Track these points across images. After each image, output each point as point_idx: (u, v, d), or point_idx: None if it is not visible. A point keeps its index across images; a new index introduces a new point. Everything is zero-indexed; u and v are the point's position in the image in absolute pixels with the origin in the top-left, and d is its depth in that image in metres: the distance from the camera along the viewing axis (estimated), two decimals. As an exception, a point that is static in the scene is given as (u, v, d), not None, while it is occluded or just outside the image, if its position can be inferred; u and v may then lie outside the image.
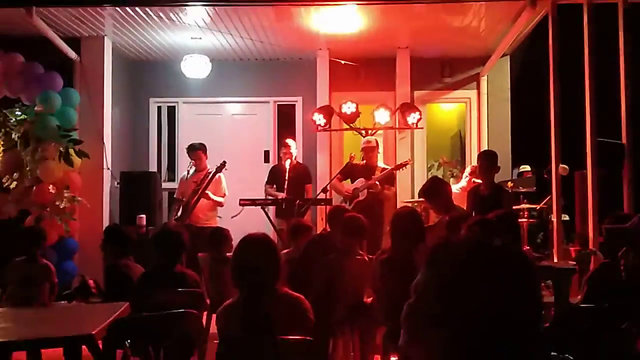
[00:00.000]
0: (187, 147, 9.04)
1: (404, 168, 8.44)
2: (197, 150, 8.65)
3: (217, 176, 8.26)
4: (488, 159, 7.15)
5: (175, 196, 8.87)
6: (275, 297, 3.27)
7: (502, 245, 1.51)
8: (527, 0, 7.33)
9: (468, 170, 9.15)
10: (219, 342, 3.18)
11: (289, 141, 9.15)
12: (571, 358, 3.32)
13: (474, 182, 8.39)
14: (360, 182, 8.10)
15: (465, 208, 6.89)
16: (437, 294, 1.42)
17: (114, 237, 5.54)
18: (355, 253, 5.16)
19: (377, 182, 8.03)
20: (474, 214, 6.40)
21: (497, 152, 7.41)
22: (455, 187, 8.39)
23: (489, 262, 1.42)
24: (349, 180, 8.38)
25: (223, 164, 8.16)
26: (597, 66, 7.21)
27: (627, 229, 2.61)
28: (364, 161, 8.40)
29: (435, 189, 6.21)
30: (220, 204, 8.48)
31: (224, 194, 8.49)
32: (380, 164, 8.45)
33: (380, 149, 8.76)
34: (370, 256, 5.30)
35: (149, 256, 5.43)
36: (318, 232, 7.56)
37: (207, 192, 8.23)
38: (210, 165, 8.55)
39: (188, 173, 8.75)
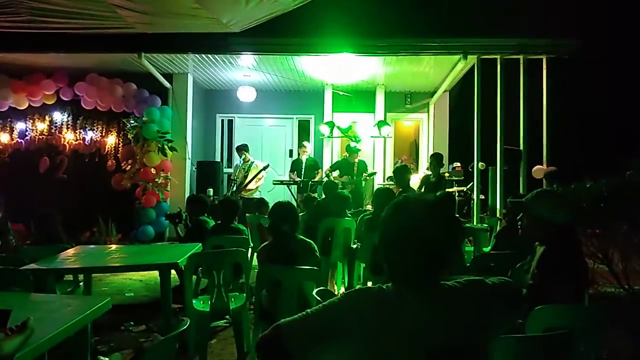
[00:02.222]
0: (235, 147, 9.05)
1: (374, 175, 8.53)
2: (241, 150, 8.63)
3: (261, 173, 8.23)
4: (437, 158, 7.17)
5: (231, 177, 8.83)
6: (295, 241, 3.29)
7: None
8: (461, 55, 7.29)
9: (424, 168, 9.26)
10: (258, 269, 3.21)
11: (306, 143, 9.17)
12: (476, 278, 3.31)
13: (424, 172, 8.40)
14: (345, 177, 8.15)
15: (417, 189, 6.95)
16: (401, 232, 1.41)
17: (195, 202, 5.56)
18: (345, 214, 5.17)
19: (354, 177, 8.12)
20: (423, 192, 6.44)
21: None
22: (416, 177, 8.47)
23: (430, 212, 1.41)
24: (338, 170, 8.38)
25: (267, 166, 8.14)
26: (506, 98, 7.19)
27: (522, 202, 2.61)
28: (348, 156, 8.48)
29: (401, 170, 6.19)
30: (257, 187, 8.45)
31: (260, 182, 8.45)
32: (360, 160, 8.44)
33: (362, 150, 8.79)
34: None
35: (215, 215, 5.46)
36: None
37: (252, 182, 8.20)
38: (252, 157, 8.57)
39: (240, 164, 8.73)
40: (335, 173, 8.38)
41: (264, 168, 8.13)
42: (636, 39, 11.61)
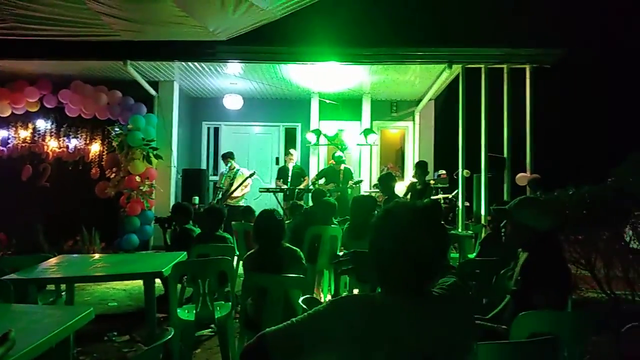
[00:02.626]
0: (221, 155, 9.00)
1: (360, 183, 8.53)
2: (227, 157, 8.52)
3: (247, 180, 8.14)
4: (422, 166, 7.23)
5: (216, 185, 8.73)
6: (281, 249, 3.28)
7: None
8: (446, 65, 7.37)
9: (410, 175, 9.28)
10: (244, 277, 3.19)
11: (292, 151, 9.15)
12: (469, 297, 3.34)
13: (410, 180, 8.45)
14: (331, 185, 8.15)
15: (402, 196, 7.02)
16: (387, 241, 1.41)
17: (180, 210, 5.52)
18: (331, 222, 5.16)
19: (340, 185, 8.10)
20: (409, 199, 6.49)
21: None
22: (402, 185, 8.53)
23: (420, 219, 1.41)
24: (324, 178, 8.38)
25: (253, 173, 8.06)
26: (489, 107, 7.28)
27: (506, 209, 2.64)
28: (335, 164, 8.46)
29: (386, 178, 6.22)
30: (243, 194, 8.37)
31: (246, 189, 8.35)
32: (345, 167, 8.45)
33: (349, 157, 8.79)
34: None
35: (201, 224, 5.42)
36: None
37: (238, 189, 8.10)
38: (238, 165, 8.48)
39: (226, 171, 8.63)
40: (321, 181, 8.38)
41: (250, 176, 8.08)
42: (618, 49, 11.85)
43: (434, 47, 7.35)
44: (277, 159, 10.45)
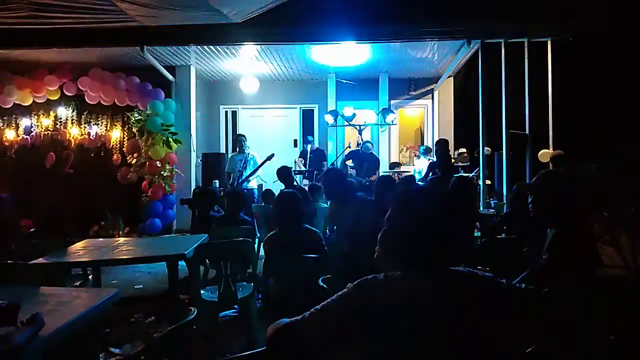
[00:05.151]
0: (234, 137, 8.96)
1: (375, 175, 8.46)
2: (239, 140, 8.26)
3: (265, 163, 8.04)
4: (442, 144, 7.15)
5: (226, 170, 8.31)
6: (300, 230, 3.30)
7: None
8: (465, 40, 7.22)
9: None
10: (265, 259, 3.22)
11: (310, 138, 9.14)
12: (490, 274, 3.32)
13: (429, 159, 8.37)
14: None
15: (423, 175, 7.00)
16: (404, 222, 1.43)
17: (205, 194, 5.57)
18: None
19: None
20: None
21: (444, 141, 7.40)
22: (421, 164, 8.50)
23: (437, 203, 1.43)
24: (351, 160, 8.37)
25: (272, 155, 7.94)
26: (510, 83, 7.14)
27: (530, 184, 2.60)
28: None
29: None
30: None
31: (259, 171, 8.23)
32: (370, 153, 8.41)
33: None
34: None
35: (222, 206, 5.48)
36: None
37: (255, 173, 8.06)
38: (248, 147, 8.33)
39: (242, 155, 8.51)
40: (349, 162, 8.40)
41: (269, 158, 8.02)
42: (642, 19, 11.44)
43: (452, 22, 7.18)
44: (295, 140, 10.44)
